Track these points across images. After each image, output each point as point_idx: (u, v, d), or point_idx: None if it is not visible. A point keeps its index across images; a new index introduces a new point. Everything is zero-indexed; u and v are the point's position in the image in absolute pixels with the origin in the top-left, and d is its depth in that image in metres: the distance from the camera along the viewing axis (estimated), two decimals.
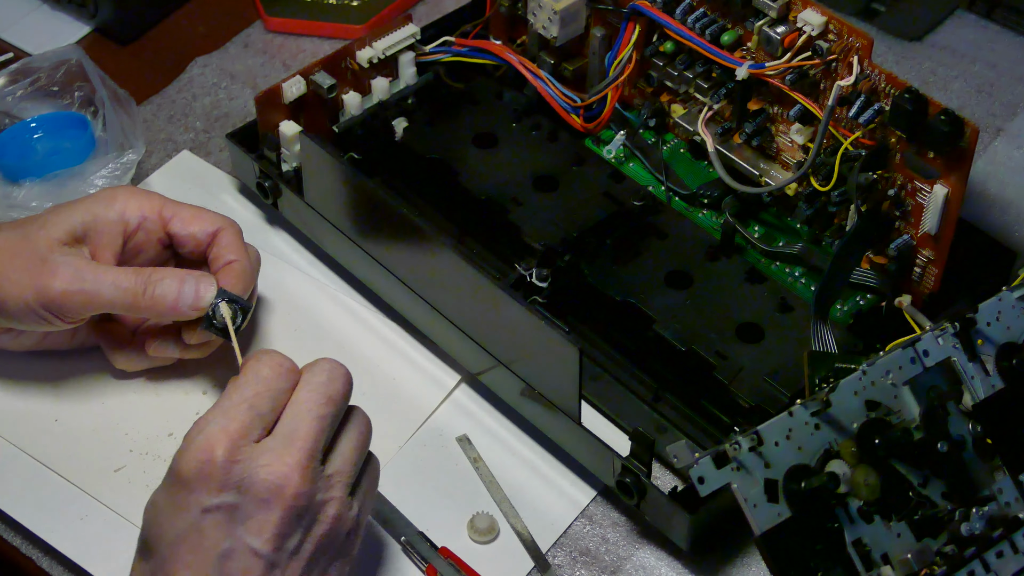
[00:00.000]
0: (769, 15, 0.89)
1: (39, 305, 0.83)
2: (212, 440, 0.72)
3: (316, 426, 0.73)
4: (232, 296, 0.84)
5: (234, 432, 0.72)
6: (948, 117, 0.81)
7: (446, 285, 0.88)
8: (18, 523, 0.84)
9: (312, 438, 0.73)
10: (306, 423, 0.73)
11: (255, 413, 0.73)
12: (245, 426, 0.73)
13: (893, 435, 0.75)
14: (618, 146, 1.00)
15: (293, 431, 0.73)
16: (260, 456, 0.72)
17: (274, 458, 0.72)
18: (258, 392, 0.74)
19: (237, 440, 0.72)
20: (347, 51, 0.99)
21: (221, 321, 0.84)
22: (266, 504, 0.71)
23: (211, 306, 0.84)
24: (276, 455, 0.72)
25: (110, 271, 0.84)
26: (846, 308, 0.91)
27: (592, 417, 0.88)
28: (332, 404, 0.75)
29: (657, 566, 0.84)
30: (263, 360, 0.75)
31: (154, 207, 0.87)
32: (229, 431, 0.72)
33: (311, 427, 0.73)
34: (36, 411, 0.89)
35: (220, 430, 0.72)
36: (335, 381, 0.76)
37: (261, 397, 0.74)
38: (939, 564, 0.76)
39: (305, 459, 0.72)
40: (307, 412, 0.74)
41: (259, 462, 0.72)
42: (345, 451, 0.75)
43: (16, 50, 1.13)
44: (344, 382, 0.76)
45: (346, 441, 0.76)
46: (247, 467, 0.72)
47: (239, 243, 0.88)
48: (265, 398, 0.74)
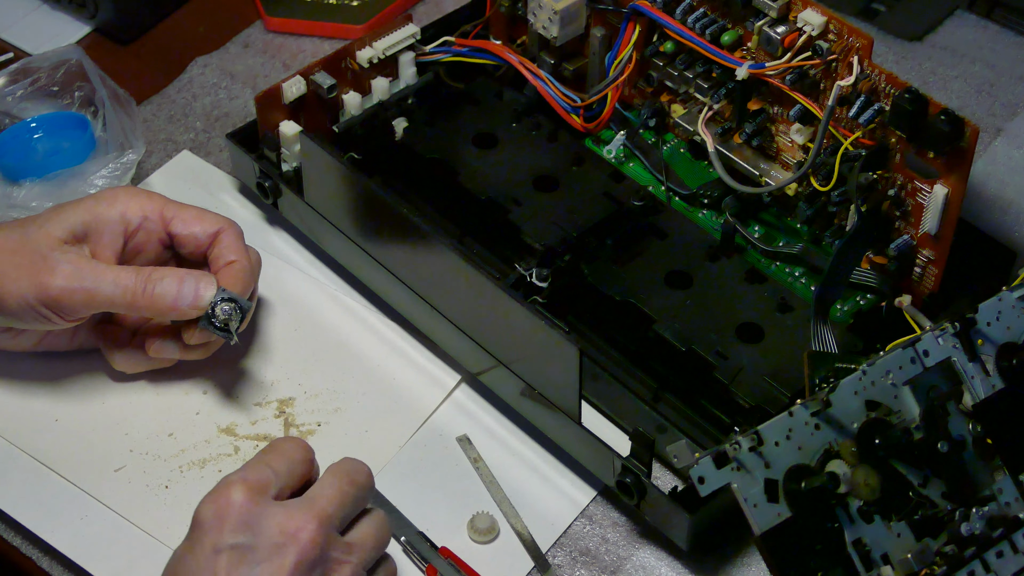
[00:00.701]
0: (769, 15, 0.89)
1: (38, 302, 0.83)
2: (231, 487, 0.73)
3: (336, 497, 0.75)
4: (232, 296, 0.84)
5: (252, 482, 0.74)
6: (948, 117, 0.81)
7: (446, 285, 0.88)
8: (18, 523, 0.84)
9: (332, 504, 0.74)
10: (327, 492, 0.75)
11: (271, 471, 0.75)
12: (263, 479, 0.74)
13: (893, 435, 0.76)
14: (618, 146, 1.00)
15: (314, 496, 0.75)
16: (279, 508, 0.73)
17: (292, 511, 0.73)
18: (274, 457, 0.76)
19: (255, 489, 0.73)
20: (347, 51, 0.99)
21: (221, 320, 0.84)
22: (280, 548, 0.72)
23: (211, 305, 0.84)
24: (294, 510, 0.73)
25: (110, 269, 0.84)
26: (846, 308, 0.91)
27: (592, 417, 0.88)
28: (354, 486, 0.76)
29: (657, 566, 0.84)
30: (281, 439, 0.79)
31: (155, 207, 0.88)
32: (248, 480, 0.74)
33: (331, 496, 0.75)
34: (36, 411, 0.89)
35: (239, 479, 0.74)
36: (358, 471, 0.77)
37: (277, 461, 0.76)
38: (939, 564, 0.76)
39: (324, 517, 0.74)
40: (329, 485, 0.76)
41: (277, 512, 0.73)
42: (364, 530, 0.77)
43: (16, 50, 1.13)
44: (366, 472, 0.78)
45: (366, 524, 0.77)
46: (264, 514, 0.73)
47: (240, 244, 0.88)
48: (280, 462, 0.76)
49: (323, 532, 0.73)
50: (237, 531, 0.72)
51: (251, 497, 0.73)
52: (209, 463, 0.87)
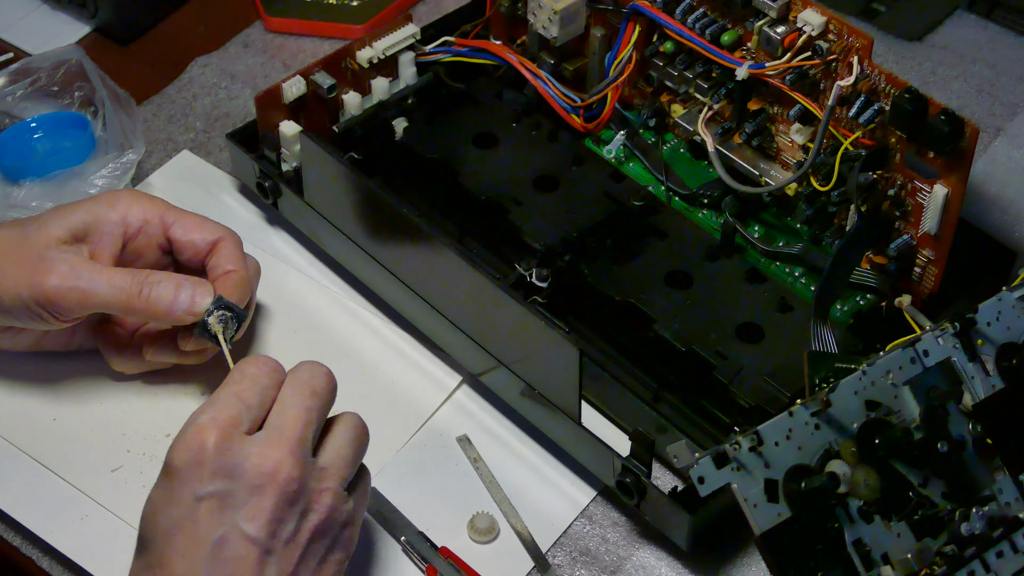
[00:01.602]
0: (769, 15, 0.89)
1: (33, 301, 0.83)
2: (203, 430, 0.73)
3: (303, 416, 0.75)
4: (228, 304, 0.84)
5: (223, 422, 0.73)
6: (948, 117, 0.81)
7: (446, 285, 0.88)
8: (18, 523, 0.84)
9: (300, 427, 0.74)
10: (292, 414, 0.75)
11: (243, 405, 0.74)
12: (234, 417, 0.74)
13: (893, 435, 0.75)
14: (618, 146, 1.00)
15: (281, 423, 0.74)
16: (251, 446, 0.73)
17: (265, 447, 0.73)
18: (245, 387, 0.75)
19: (227, 430, 0.73)
20: (347, 51, 0.99)
21: (216, 329, 0.84)
22: (259, 490, 0.72)
23: (207, 313, 0.84)
24: (267, 444, 0.73)
25: (106, 270, 0.84)
26: (846, 308, 0.91)
27: (592, 417, 0.88)
28: (316, 397, 0.76)
29: (657, 566, 0.84)
30: (250, 360, 0.77)
31: (156, 211, 0.88)
32: (219, 420, 0.73)
33: (298, 417, 0.75)
34: (34, 410, 0.89)
35: (210, 420, 0.73)
36: (316, 377, 0.77)
37: (248, 391, 0.75)
38: (939, 564, 0.76)
39: (295, 446, 0.73)
40: (292, 405, 0.75)
41: (250, 451, 0.73)
42: (337, 446, 0.76)
43: (16, 50, 1.13)
44: (325, 377, 0.77)
45: (337, 437, 0.77)
46: (238, 455, 0.72)
47: (239, 254, 0.88)
48: (252, 392, 0.75)
49: (299, 464, 0.73)
50: (215, 477, 0.72)
51: (224, 439, 0.73)
52: None
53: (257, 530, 0.72)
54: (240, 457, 0.72)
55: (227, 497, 0.72)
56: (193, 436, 0.73)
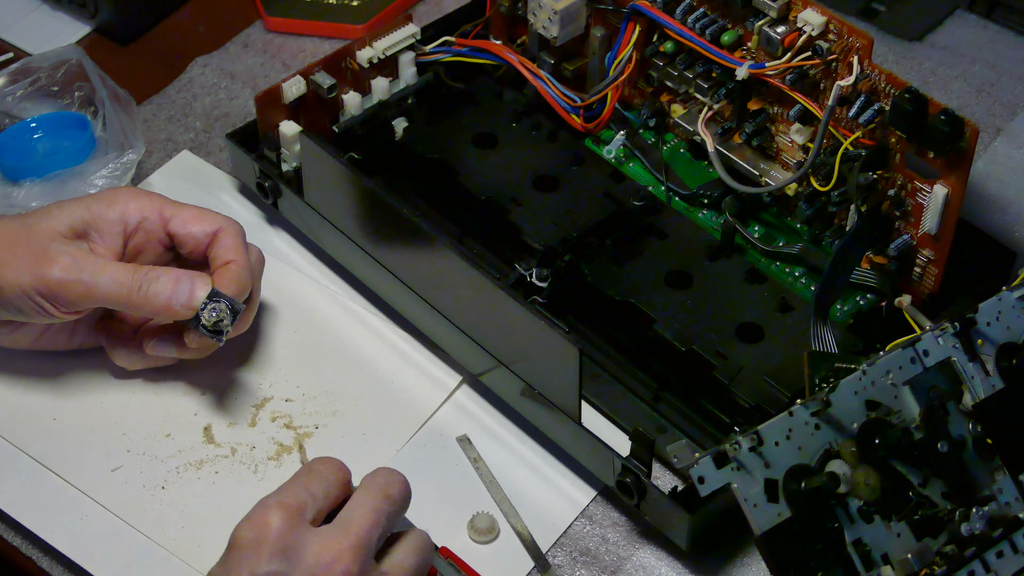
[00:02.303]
0: (769, 15, 0.89)
1: (35, 292, 0.83)
2: (268, 511, 0.73)
3: (371, 517, 0.74)
4: (225, 297, 0.84)
5: (290, 506, 0.73)
6: (948, 117, 0.81)
7: (446, 285, 0.88)
8: (18, 523, 0.84)
9: (367, 527, 0.74)
10: (361, 513, 0.74)
11: (308, 494, 0.74)
12: (300, 503, 0.73)
13: (893, 435, 0.75)
14: (618, 146, 1.00)
15: (349, 519, 0.74)
16: (315, 535, 0.73)
17: (328, 539, 0.73)
18: (312, 479, 0.75)
19: (292, 513, 0.73)
20: (347, 51, 0.99)
21: (211, 322, 0.84)
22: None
23: (202, 306, 0.84)
24: (330, 536, 0.73)
25: (109, 264, 0.84)
26: (846, 308, 0.91)
27: (592, 417, 0.88)
28: (388, 501, 0.76)
29: (657, 566, 0.84)
30: (318, 460, 0.77)
31: (154, 207, 0.88)
32: (284, 503, 0.73)
33: (366, 517, 0.74)
34: (34, 409, 0.89)
35: (276, 502, 0.73)
36: (392, 483, 0.77)
37: (314, 483, 0.75)
38: (939, 564, 0.76)
39: (358, 544, 0.73)
40: (362, 505, 0.75)
41: (313, 539, 0.73)
42: (401, 556, 0.76)
43: (16, 50, 1.13)
44: (401, 483, 0.77)
45: (403, 547, 0.76)
46: (301, 541, 0.72)
47: (239, 244, 0.88)
48: (317, 484, 0.75)
49: (359, 561, 0.72)
50: (274, 558, 0.71)
51: (288, 522, 0.72)
52: (206, 464, 0.87)
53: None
54: (302, 543, 0.72)
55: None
56: (259, 515, 0.73)
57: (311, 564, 0.72)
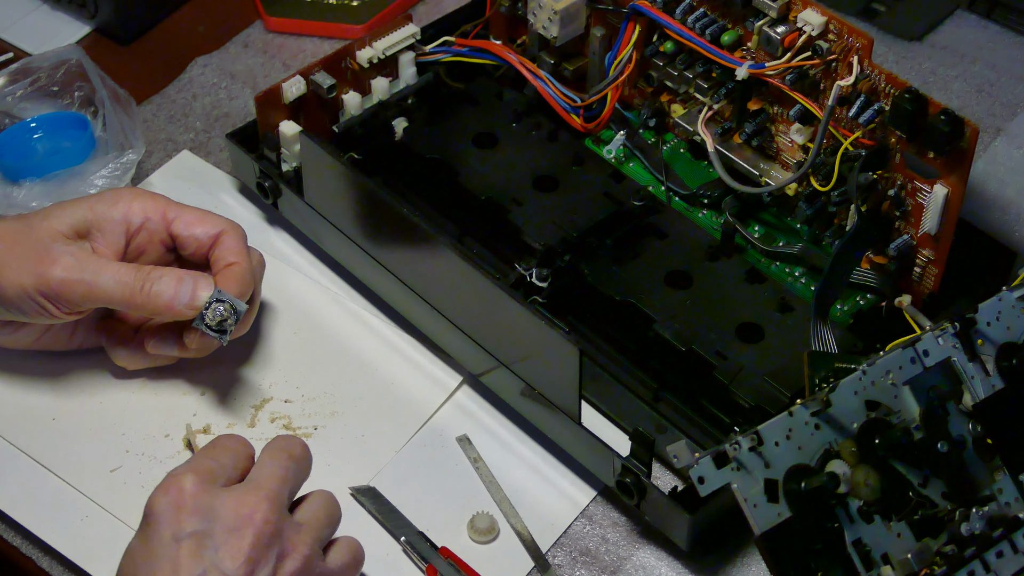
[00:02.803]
0: (769, 15, 0.89)
1: (37, 292, 0.83)
2: (180, 478, 0.74)
3: (280, 474, 0.76)
4: (227, 298, 0.84)
5: (200, 471, 0.75)
6: (948, 117, 0.81)
7: (446, 285, 0.88)
8: (18, 523, 0.84)
9: (276, 481, 0.76)
10: (269, 471, 0.76)
11: (216, 463, 0.76)
12: (209, 470, 0.75)
13: (893, 435, 0.75)
14: (618, 146, 1.00)
15: (259, 476, 0.76)
16: (228, 493, 0.74)
17: (242, 495, 0.74)
18: (218, 451, 0.77)
19: (204, 477, 0.74)
20: (347, 51, 0.99)
21: (214, 322, 0.84)
22: (237, 531, 0.73)
23: (206, 306, 0.84)
24: (244, 493, 0.74)
25: (111, 265, 0.84)
26: (846, 308, 0.91)
27: (592, 417, 0.88)
28: (293, 460, 0.77)
29: (657, 566, 0.84)
30: (222, 436, 0.79)
31: (157, 208, 0.88)
32: (196, 470, 0.75)
33: (274, 474, 0.76)
34: (33, 409, 0.89)
35: (187, 470, 0.75)
36: (293, 444, 0.78)
37: (221, 454, 0.77)
38: (939, 564, 0.76)
39: (272, 495, 0.75)
40: (269, 464, 0.77)
41: (228, 496, 0.74)
42: (312, 508, 0.77)
43: (16, 50, 1.13)
44: (302, 446, 0.79)
45: (312, 502, 0.78)
46: (216, 500, 0.74)
47: (241, 246, 0.88)
48: (225, 455, 0.77)
49: (275, 511, 0.74)
50: (193, 518, 0.73)
51: (202, 485, 0.74)
52: None
53: (235, 570, 0.72)
54: (218, 503, 0.73)
55: (205, 538, 0.72)
56: (171, 483, 0.74)
57: (230, 519, 0.73)
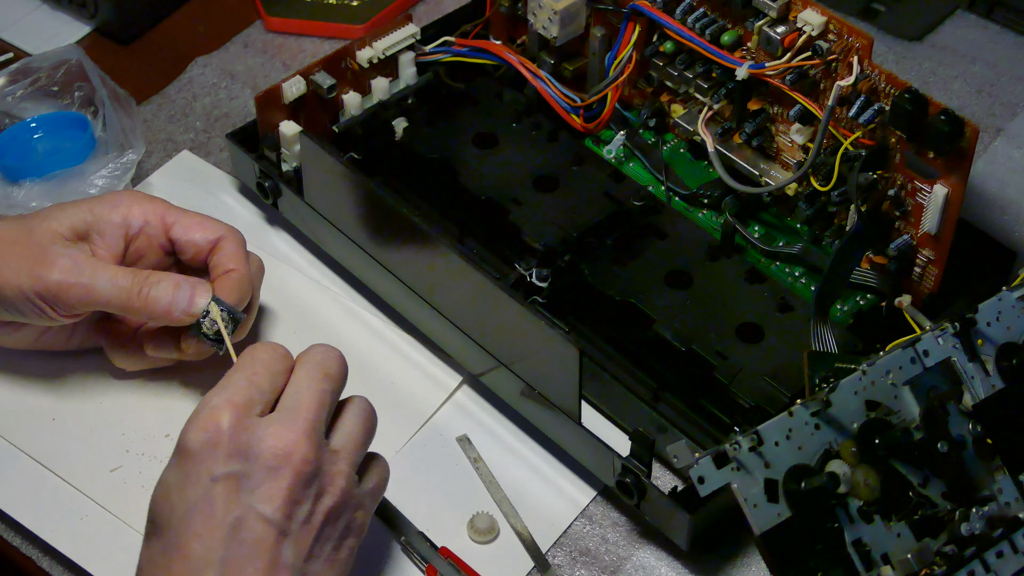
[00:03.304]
0: (769, 15, 0.89)
1: (35, 293, 0.83)
2: (217, 411, 0.73)
3: (316, 399, 0.75)
4: (225, 305, 0.84)
5: (238, 403, 0.74)
6: (948, 117, 0.81)
7: (446, 285, 0.88)
8: (18, 523, 0.84)
9: (314, 409, 0.75)
10: (307, 396, 0.75)
11: (255, 388, 0.75)
12: (247, 399, 0.74)
13: (893, 435, 0.75)
14: (618, 146, 1.00)
15: (295, 404, 0.75)
16: (266, 427, 0.73)
17: (280, 428, 0.73)
18: (256, 371, 0.76)
19: (241, 411, 0.73)
20: (347, 51, 0.99)
21: (211, 330, 0.84)
22: (275, 471, 0.72)
23: (203, 314, 0.84)
24: (281, 426, 0.73)
25: (109, 268, 0.84)
26: (846, 308, 0.91)
27: (592, 417, 0.88)
28: (329, 380, 0.77)
29: (657, 566, 0.84)
30: (259, 346, 0.78)
31: (157, 212, 0.88)
32: (233, 402, 0.74)
33: (312, 399, 0.75)
34: (33, 409, 0.89)
35: (224, 401, 0.74)
36: (329, 360, 0.77)
37: (259, 375, 0.76)
38: (939, 564, 0.76)
39: (310, 428, 0.74)
40: (306, 387, 0.76)
41: (265, 432, 0.73)
42: (348, 429, 0.77)
43: (16, 50, 1.13)
44: (338, 359, 0.78)
45: (348, 420, 0.77)
46: (253, 436, 0.73)
47: (240, 252, 0.88)
48: (263, 376, 0.76)
49: (313, 447, 0.73)
50: (230, 458, 0.72)
51: (239, 420, 0.73)
52: None
53: (273, 511, 0.72)
54: (255, 438, 0.73)
55: (243, 478, 0.72)
56: (207, 418, 0.73)
57: (268, 457, 0.72)
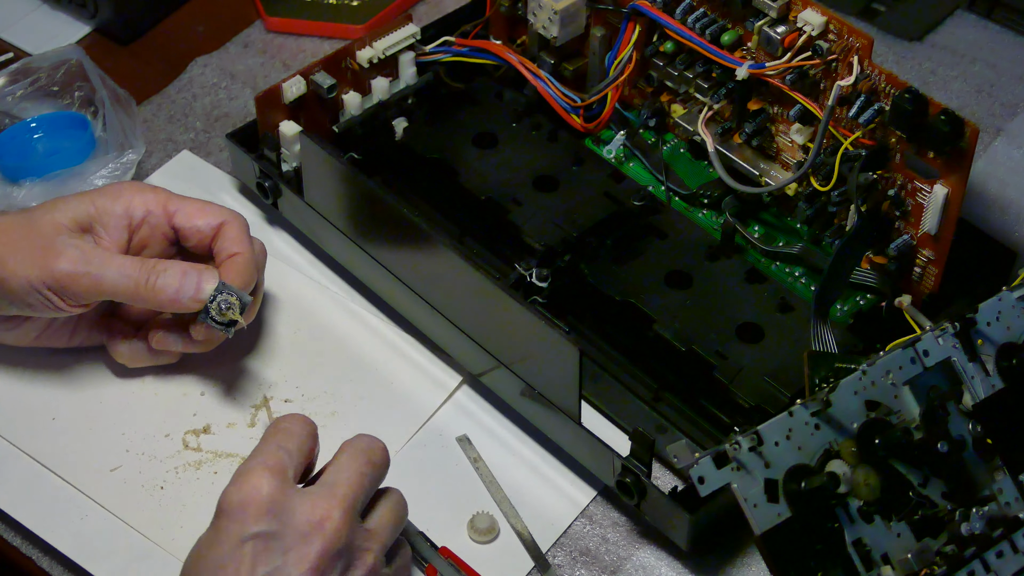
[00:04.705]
0: (769, 15, 0.89)
1: (43, 285, 0.83)
2: (257, 475, 0.73)
3: (356, 480, 0.76)
4: (232, 290, 0.84)
5: (273, 467, 0.74)
6: (948, 117, 0.81)
7: (446, 285, 0.88)
8: (18, 523, 0.84)
9: (353, 488, 0.75)
10: (346, 475, 0.75)
11: (284, 452, 0.75)
12: (280, 462, 0.75)
13: (893, 435, 0.75)
14: (618, 146, 1.00)
15: (335, 481, 0.75)
16: (304, 496, 0.74)
17: (316, 499, 0.74)
18: (283, 438, 0.76)
19: (277, 474, 0.74)
20: (347, 51, 0.99)
21: (220, 315, 0.84)
22: (306, 538, 0.72)
23: (211, 299, 0.84)
24: (319, 497, 0.74)
25: (116, 257, 0.85)
26: (846, 308, 0.91)
27: (592, 417, 0.88)
28: (371, 466, 0.77)
29: (657, 566, 0.84)
30: (282, 417, 0.78)
31: (159, 201, 0.88)
32: (269, 466, 0.74)
33: (352, 479, 0.75)
34: (33, 408, 0.89)
35: (261, 466, 0.74)
36: (374, 448, 0.78)
37: (286, 441, 0.76)
38: (939, 564, 0.76)
39: (346, 503, 0.74)
40: (347, 467, 0.76)
41: (302, 500, 0.73)
42: (383, 514, 0.77)
43: (16, 50, 1.13)
44: (382, 450, 0.78)
45: (384, 507, 0.78)
46: (290, 502, 0.73)
47: (243, 236, 0.88)
48: (291, 442, 0.76)
49: (347, 521, 0.73)
50: (263, 519, 0.72)
51: (275, 484, 0.73)
52: (205, 465, 0.87)
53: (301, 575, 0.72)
54: (291, 504, 0.73)
55: (274, 539, 0.72)
56: (245, 479, 0.73)
57: (301, 522, 0.72)
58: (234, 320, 0.84)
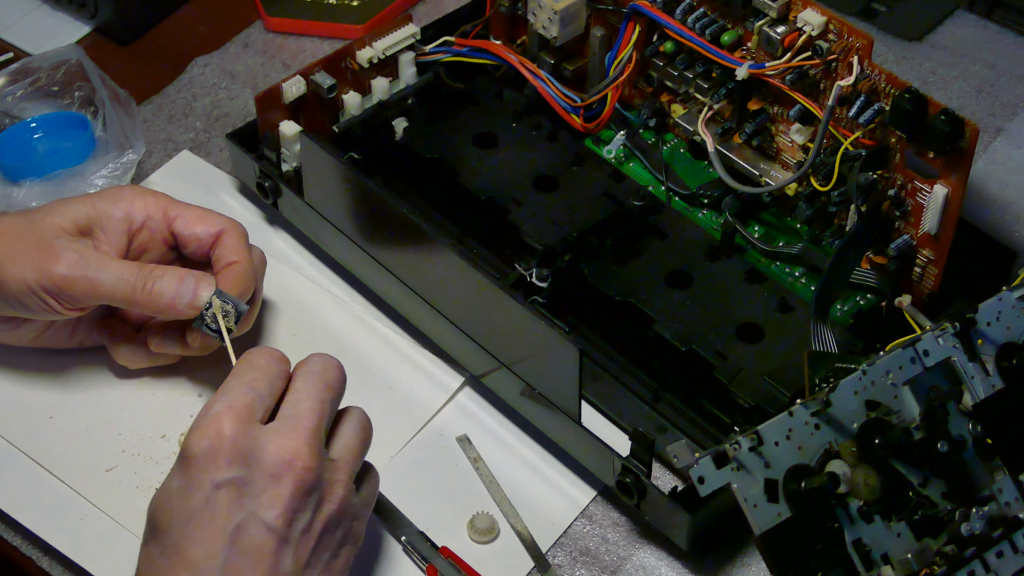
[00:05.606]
0: (769, 15, 0.89)
1: (40, 287, 0.83)
2: (219, 418, 0.73)
3: (317, 409, 0.75)
4: (229, 298, 0.84)
5: (239, 410, 0.74)
6: (948, 117, 0.81)
7: (446, 285, 0.88)
8: (18, 523, 0.84)
9: (315, 419, 0.75)
10: (307, 406, 0.75)
11: (255, 394, 0.75)
12: (248, 405, 0.74)
13: (893, 435, 0.75)
14: (618, 146, 1.00)
15: (296, 414, 0.75)
16: (268, 435, 0.74)
17: (282, 436, 0.74)
18: (254, 376, 0.76)
19: (243, 418, 0.74)
20: (347, 51, 0.99)
21: (215, 322, 0.84)
22: (277, 478, 0.73)
23: (206, 306, 0.84)
24: (283, 434, 0.74)
25: (113, 262, 0.85)
26: (846, 308, 0.91)
27: (592, 417, 0.88)
28: (329, 390, 0.77)
29: (657, 566, 0.84)
30: (256, 351, 0.78)
31: (159, 207, 0.88)
32: (234, 408, 0.74)
33: (312, 409, 0.75)
34: (31, 407, 0.89)
35: (225, 407, 0.74)
36: (329, 370, 0.78)
37: (258, 380, 0.76)
38: (939, 564, 0.76)
39: (311, 437, 0.74)
40: (306, 397, 0.76)
41: (267, 440, 0.73)
42: (347, 439, 0.77)
43: (16, 50, 1.13)
44: (337, 369, 0.78)
45: (347, 431, 0.78)
46: (256, 444, 0.73)
47: (242, 245, 0.88)
48: (262, 381, 0.76)
49: (315, 455, 0.74)
50: (232, 464, 0.72)
51: (241, 427, 0.73)
52: None
53: (275, 518, 0.72)
54: (257, 446, 0.73)
55: (245, 485, 0.72)
56: (210, 425, 0.73)
57: (270, 464, 0.73)
58: (229, 328, 0.84)
